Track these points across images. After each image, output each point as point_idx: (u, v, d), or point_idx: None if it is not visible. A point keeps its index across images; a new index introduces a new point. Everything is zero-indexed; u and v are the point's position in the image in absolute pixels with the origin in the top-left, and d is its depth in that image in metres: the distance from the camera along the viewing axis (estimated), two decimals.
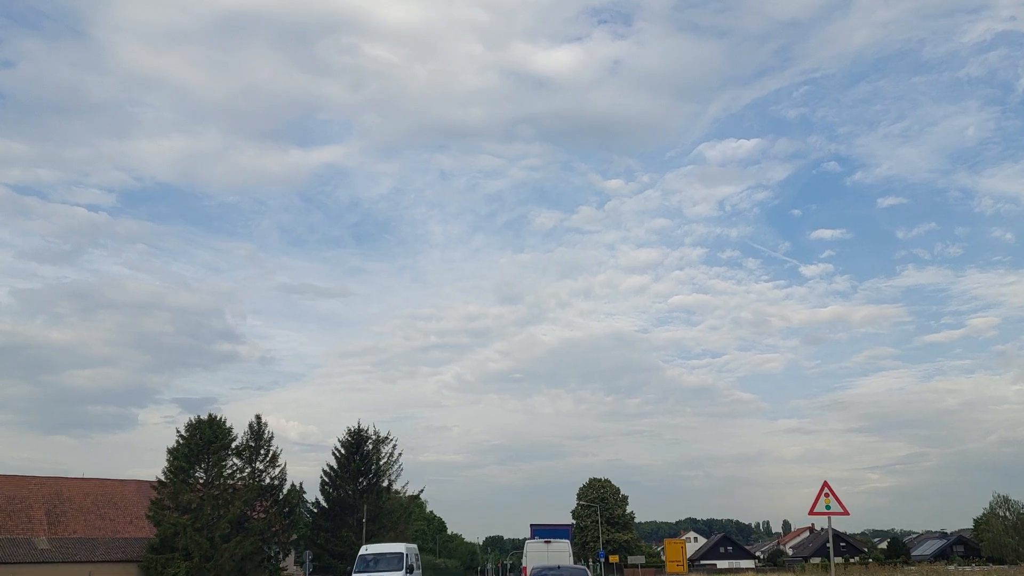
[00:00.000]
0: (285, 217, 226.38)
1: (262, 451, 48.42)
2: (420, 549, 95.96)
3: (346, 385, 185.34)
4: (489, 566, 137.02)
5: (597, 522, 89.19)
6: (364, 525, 48.16)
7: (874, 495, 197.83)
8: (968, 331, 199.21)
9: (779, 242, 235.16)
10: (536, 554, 33.42)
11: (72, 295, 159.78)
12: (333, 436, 49.10)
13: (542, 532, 42.48)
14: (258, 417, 49.26)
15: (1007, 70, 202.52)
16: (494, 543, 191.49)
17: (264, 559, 45.98)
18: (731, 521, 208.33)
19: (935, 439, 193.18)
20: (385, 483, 52.79)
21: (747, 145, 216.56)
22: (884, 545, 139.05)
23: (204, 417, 47.04)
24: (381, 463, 53.19)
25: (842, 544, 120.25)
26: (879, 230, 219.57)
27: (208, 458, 45.45)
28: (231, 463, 47.22)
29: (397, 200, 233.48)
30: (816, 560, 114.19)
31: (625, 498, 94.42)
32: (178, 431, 46.21)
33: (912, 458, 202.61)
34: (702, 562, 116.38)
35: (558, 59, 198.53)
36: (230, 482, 46.54)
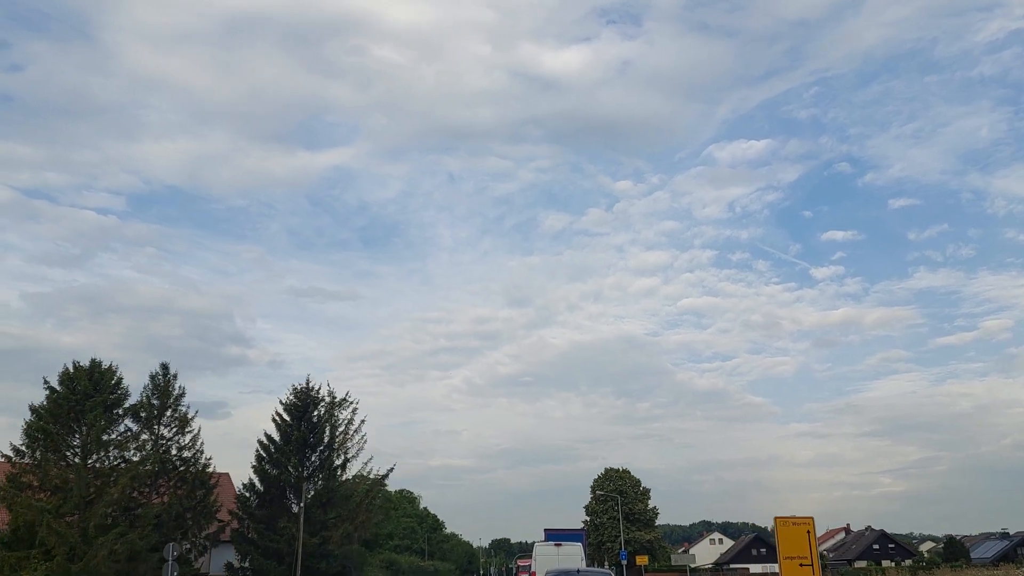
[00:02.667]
0: (293, 220, 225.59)
1: (168, 412, 35.66)
2: (407, 550, 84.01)
3: (355, 389, 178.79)
4: (492, 570, 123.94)
5: (614, 519, 76.05)
6: (303, 512, 35.35)
7: (887, 499, 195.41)
8: (981, 333, 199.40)
9: (790, 244, 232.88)
10: (546, 557, 31.33)
11: (82, 299, 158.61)
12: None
13: (555, 537, 40.23)
14: (164, 366, 36.59)
15: (1021, 69, 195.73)
16: (500, 546, 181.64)
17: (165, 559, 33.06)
18: (747, 524, 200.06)
19: (948, 443, 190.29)
20: (340, 460, 39.89)
21: (757, 146, 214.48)
22: (924, 548, 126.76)
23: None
24: (337, 433, 40.32)
25: (891, 546, 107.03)
26: (891, 232, 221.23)
27: (84, 418, 32.62)
28: (123, 427, 34.48)
29: (405, 203, 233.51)
30: (861, 563, 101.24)
31: (647, 491, 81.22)
32: (46, 381, 33.46)
33: (925, 462, 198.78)
34: (732, 565, 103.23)
35: (566, 60, 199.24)
36: (120, 452, 33.77)
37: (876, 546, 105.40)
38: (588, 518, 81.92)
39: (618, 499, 73.36)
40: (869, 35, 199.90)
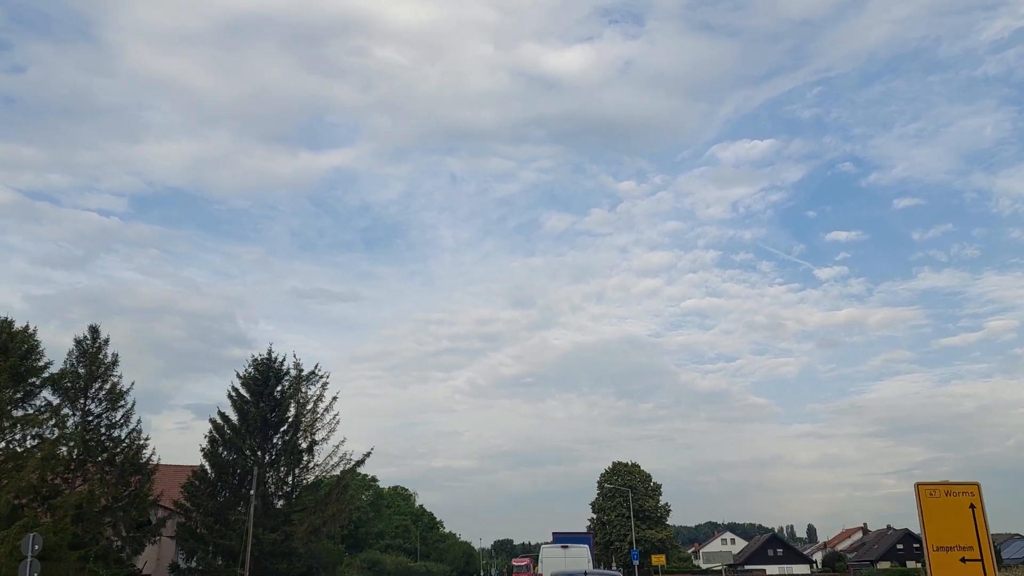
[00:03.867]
0: (295, 221, 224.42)
1: (96, 384, 30.03)
2: (399, 550, 78.31)
3: (358, 391, 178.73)
4: (493, 571, 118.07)
5: (623, 516, 70.29)
6: (254, 501, 29.66)
7: (890, 500, 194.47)
8: (985, 334, 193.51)
9: (793, 244, 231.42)
10: (552, 559, 31.14)
11: (84, 300, 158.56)
12: (344, 442, 31.62)
13: (563, 539, 39.65)
14: (94, 329, 30.93)
15: None
16: (503, 547, 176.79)
17: (89, 555, 27.44)
18: (753, 525, 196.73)
19: (952, 444, 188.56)
20: (305, 444, 34.16)
21: (761, 146, 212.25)
22: None
23: None
24: (304, 411, 34.65)
25: (915, 546, 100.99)
26: (895, 232, 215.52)
27: None
28: (40, 399, 28.90)
29: (407, 204, 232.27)
30: (885, 564, 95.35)
31: (658, 487, 75.23)
32: None
33: (929, 463, 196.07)
34: (747, 567, 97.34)
35: (569, 59, 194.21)
36: (36, 429, 28.16)
37: (900, 546, 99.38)
38: (594, 516, 76.14)
39: (628, 494, 67.55)
40: (872, 34, 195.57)
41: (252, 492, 29.80)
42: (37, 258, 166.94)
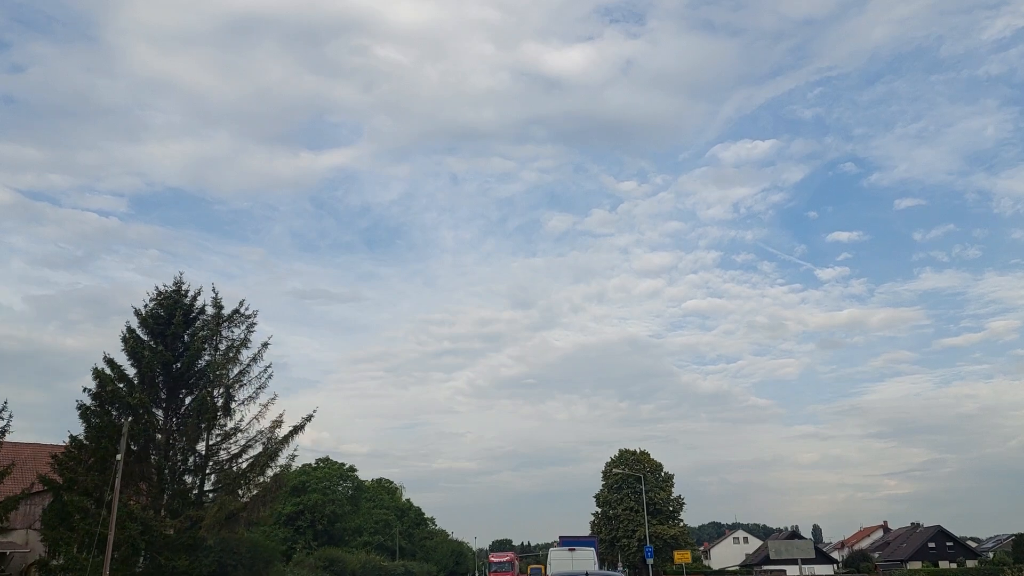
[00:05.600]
0: (296, 222, 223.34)
1: None
2: (379, 548, 70.00)
3: (359, 391, 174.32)
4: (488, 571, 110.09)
5: (631, 509, 62.03)
6: (118, 468, 21.31)
7: (892, 501, 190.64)
8: (987, 334, 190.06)
9: (794, 245, 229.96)
10: (560, 561, 32.60)
11: (85, 301, 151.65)
12: (346, 443, 23.29)
13: (569, 543, 41.06)
14: None
15: None
16: (502, 547, 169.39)
17: None
18: (757, 525, 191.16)
19: (954, 445, 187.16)
20: (221, 400, 25.86)
21: (762, 146, 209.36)
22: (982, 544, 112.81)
23: None
24: (227, 359, 26.37)
25: (949, 544, 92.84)
26: (896, 232, 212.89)
27: None
28: None
29: (408, 205, 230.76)
30: (916, 564, 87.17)
31: (670, 478, 66.92)
32: None
33: (931, 464, 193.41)
34: (765, 567, 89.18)
35: (570, 59, 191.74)
36: None
37: (932, 544, 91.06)
38: (599, 509, 67.79)
39: (640, 482, 59.19)
40: (875, 33, 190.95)
41: (119, 457, 21.42)
42: (37, 259, 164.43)
